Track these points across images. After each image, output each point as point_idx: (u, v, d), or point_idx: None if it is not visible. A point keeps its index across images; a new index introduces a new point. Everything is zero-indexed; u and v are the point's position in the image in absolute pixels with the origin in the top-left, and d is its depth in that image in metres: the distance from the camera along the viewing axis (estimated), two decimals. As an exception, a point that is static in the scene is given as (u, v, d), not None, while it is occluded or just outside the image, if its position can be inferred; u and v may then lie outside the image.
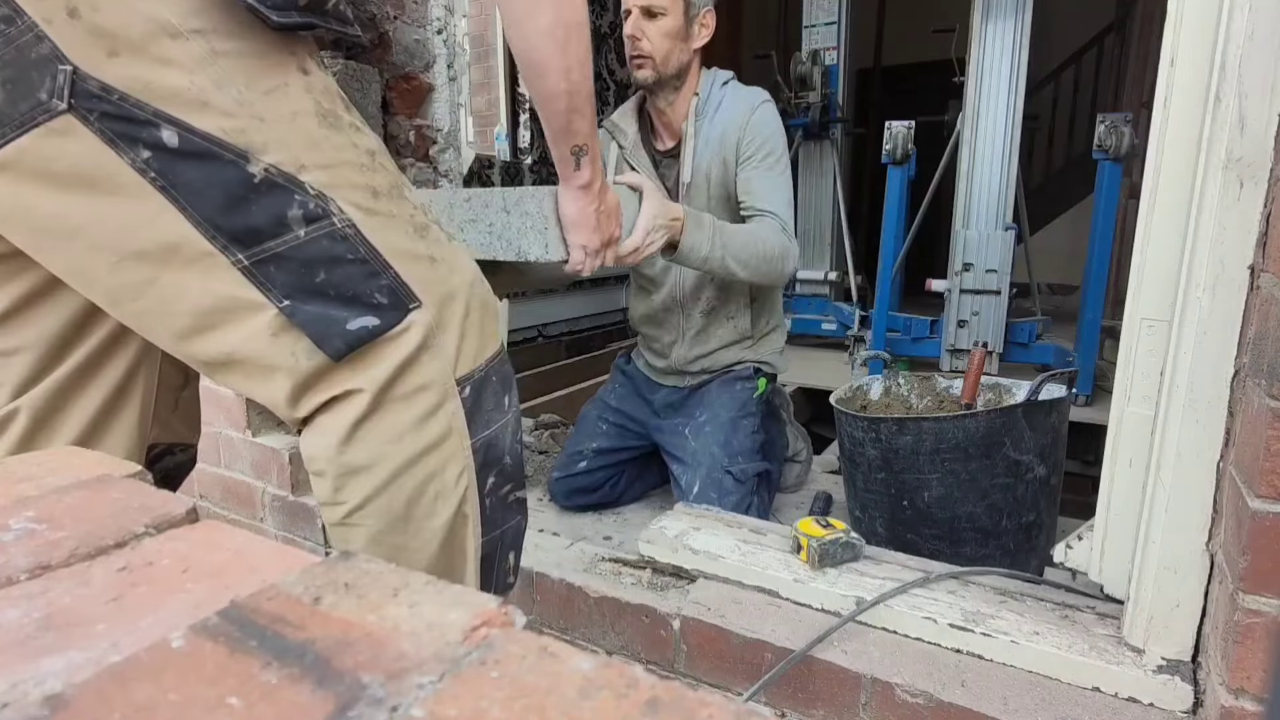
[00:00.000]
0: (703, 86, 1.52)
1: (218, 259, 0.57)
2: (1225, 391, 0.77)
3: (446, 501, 0.67)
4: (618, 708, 0.22)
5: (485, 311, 0.71)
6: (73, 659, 0.25)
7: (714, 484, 1.49)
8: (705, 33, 1.48)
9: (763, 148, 1.47)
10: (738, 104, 1.50)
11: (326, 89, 0.63)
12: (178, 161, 0.54)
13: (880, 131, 2.88)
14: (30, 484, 0.39)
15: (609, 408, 1.74)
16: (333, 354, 0.60)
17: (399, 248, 0.64)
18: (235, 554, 0.33)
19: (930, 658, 0.91)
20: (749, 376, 1.63)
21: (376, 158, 0.65)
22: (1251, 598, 0.69)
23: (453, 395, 0.66)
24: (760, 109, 1.49)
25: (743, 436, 1.55)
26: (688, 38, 1.46)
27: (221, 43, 0.55)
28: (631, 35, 1.45)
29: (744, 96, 1.52)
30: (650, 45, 1.44)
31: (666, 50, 1.44)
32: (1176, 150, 0.81)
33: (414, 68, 1.51)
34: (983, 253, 2.75)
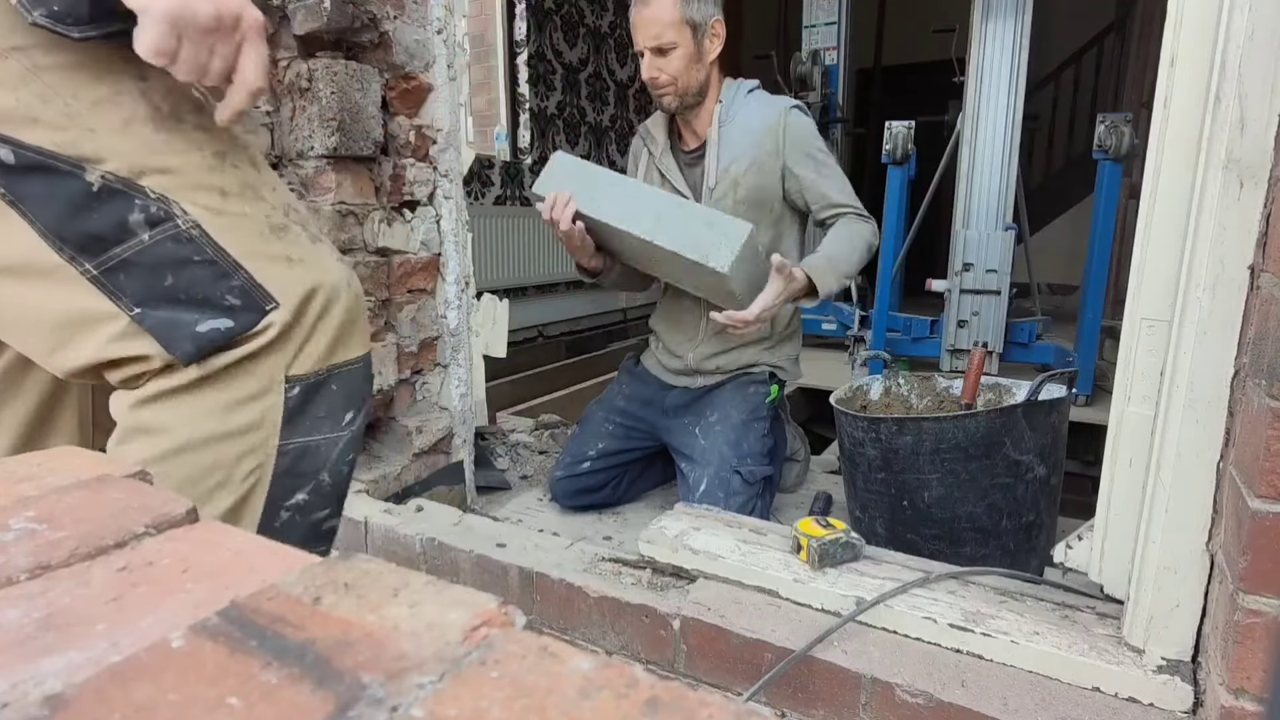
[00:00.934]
0: (725, 94, 1.56)
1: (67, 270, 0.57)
2: (1225, 391, 0.77)
3: (225, 494, 0.64)
4: (618, 708, 0.22)
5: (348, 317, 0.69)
6: (73, 659, 0.25)
7: (722, 483, 1.49)
8: (717, 43, 1.50)
9: (813, 149, 1.53)
10: (766, 109, 1.54)
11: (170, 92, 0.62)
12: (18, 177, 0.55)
13: (880, 131, 2.88)
14: (30, 484, 0.39)
15: (616, 409, 1.74)
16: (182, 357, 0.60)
17: (252, 248, 0.63)
18: (235, 554, 0.33)
19: (930, 658, 0.91)
20: (763, 380, 1.63)
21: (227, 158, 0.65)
22: (1251, 598, 0.69)
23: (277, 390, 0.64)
24: (792, 114, 1.53)
25: (753, 439, 1.55)
26: (701, 57, 1.49)
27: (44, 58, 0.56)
28: (650, 78, 1.49)
29: (772, 102, 1.56)
30: (668, 77, 1.48)
31: (685, 77, 1.49)
32: (1176, 150, 0.81)
33: (414, 68, 1.51)
34: (983, 253, 2.75)
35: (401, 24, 1.47)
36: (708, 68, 1.52)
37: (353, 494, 1.45)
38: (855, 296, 3.53)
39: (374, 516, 1.35)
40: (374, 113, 1.42)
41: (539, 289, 3.97)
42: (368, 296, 1.45)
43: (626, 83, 4.80)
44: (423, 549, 1.28)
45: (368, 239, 1.47)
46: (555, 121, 4.12)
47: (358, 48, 1.43)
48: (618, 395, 1.77)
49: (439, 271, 1.63)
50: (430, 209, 1.59)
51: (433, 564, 1.27)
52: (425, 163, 1.57)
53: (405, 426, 1.59)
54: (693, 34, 1.45)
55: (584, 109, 4.45)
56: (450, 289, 1.64)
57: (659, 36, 1.44)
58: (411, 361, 1.59)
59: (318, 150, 1.38)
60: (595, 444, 1.68)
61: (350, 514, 1.37)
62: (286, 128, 1.41)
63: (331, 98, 1.34)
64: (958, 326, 2.80)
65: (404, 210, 1.54)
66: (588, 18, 4.39)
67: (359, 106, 1.39)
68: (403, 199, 1.53)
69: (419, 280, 1.58)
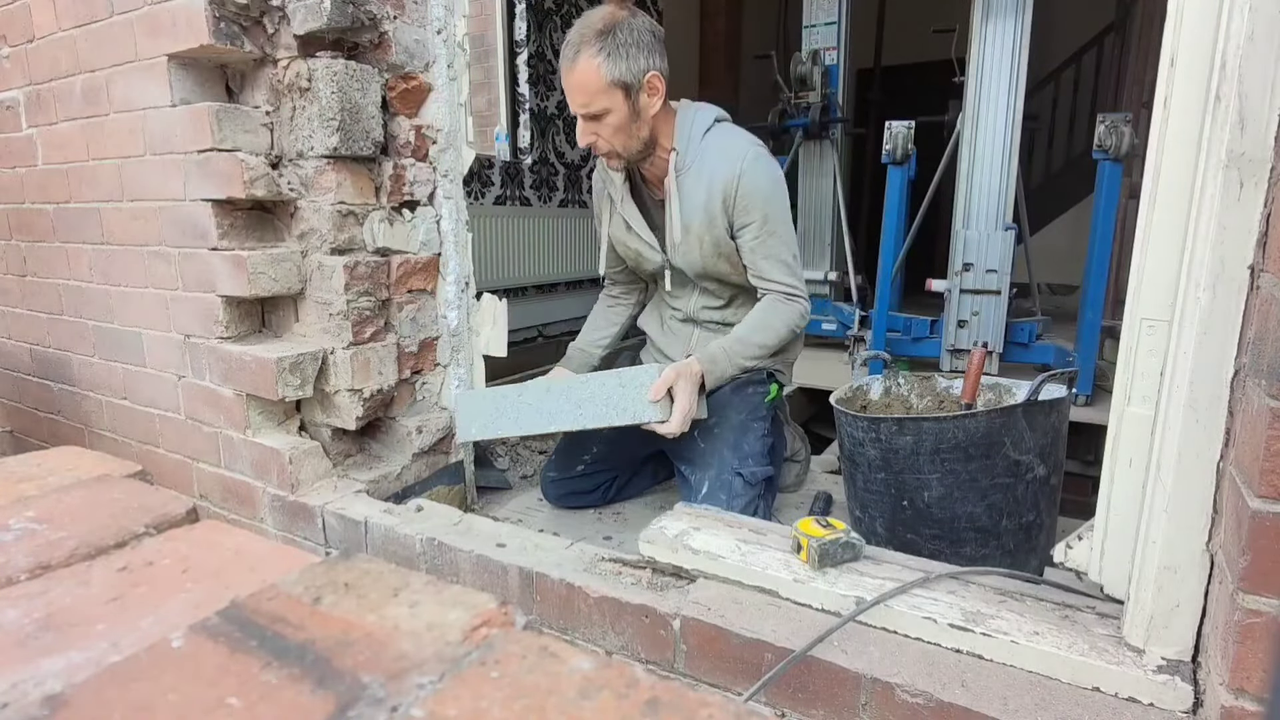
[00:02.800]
0: (679, 139, 1.45)
1: None
2: (1225, 391, 0.77)
3: None
4: (618, 708, 0.22)
5: None
6: (73, 659, 0.25)
7: (724, 486, 1.49)
8: (657, 98, 1.39)
9: (758, 215, 1.42)
10: (721, 160, 1.43)
11: None
12: None
13: (880, 131, 2.88)
14: (30, 484, 0.39)
15: None
16: None
17: None
18: (235, 554, 0.33)
19: (930, 658, 0.91)
20: (761, 381, 1.62)
21: None
22: (1251, 598, 0.69)
23: None
24: (747, 171, 1.41)
25: (753, 440, 1.54)
26: (639, 114, 1.39)
27: None
28: (587, 142, 1.41)
29: (728, 151, 1.43)
30: (608, 143, 1.40)
31: (624, 139, 1.40)
32: (1176, 150, 0.81)
33: (414, 68, 1.51)
34: (983, 253, 2.75)
35: (401, 24, 1.47)
36: (649, 124, 1.41)
37: (353, 494, 1.45)
38: (855, 296, 3.53)
39: (374, 516, 1.35)
40: (374, 113, 1.42)
41: (539, 289, 3.97)
42: (368, 296, 1.46)
43: (626, 83, 4.80)
44: (423, 549, 1.28)
45: (368, 239, 1.47)
46: (555, 121, 4.12)
47: (358, 48, 1.43)
48: None
49: (439, 271, 1.63)
50: (430, 209, 1.59)
51: (433, 564, 1.27)
52: (425, 163, 1.57)
53: (405, 426, 1.59)
54: (625, 95, 1.35)
55: (584, 109, 4.44)
56: (450, 289, 1.64)
57: (588, 105, 1.36)
58: (411, 361, 1.59)
59: (318, 150, 1.38)
60: (590, 447, 1.68)
61: (350, 514, 1.37)
62: (286, 128, 1.41)
63: (331, 98, 1.34)
64: (958, 326, 2.80)
65: (404, 210, 1.54)
66: (588, 18, 4.39)
67: (359, 106, 1.39)
68: (403, 199, 1.53)
69: (419, 280, 1.58)
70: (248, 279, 1.37)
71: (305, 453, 1.44)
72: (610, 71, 1.32)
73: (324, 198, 1.40)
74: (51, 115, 1.66)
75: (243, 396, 1.44)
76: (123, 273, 1.62)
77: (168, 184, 1.45)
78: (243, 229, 1.42)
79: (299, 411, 1.53)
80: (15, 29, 1.68)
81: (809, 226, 3.75)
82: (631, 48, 1.32)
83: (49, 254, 1.80)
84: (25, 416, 2.04)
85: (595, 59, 1.31)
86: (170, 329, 1.55)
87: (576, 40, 1.33)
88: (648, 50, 1.34)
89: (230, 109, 1.36)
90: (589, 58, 1.32)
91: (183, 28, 1.32)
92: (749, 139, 1.47)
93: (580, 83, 1.34)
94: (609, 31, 1.31)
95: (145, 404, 1.66)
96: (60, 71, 1.60)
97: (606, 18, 1.33)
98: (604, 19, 1.33)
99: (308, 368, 1.41)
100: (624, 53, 1.32)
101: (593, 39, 1.32)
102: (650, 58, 1.35)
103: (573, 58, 1.34)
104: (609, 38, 1.31)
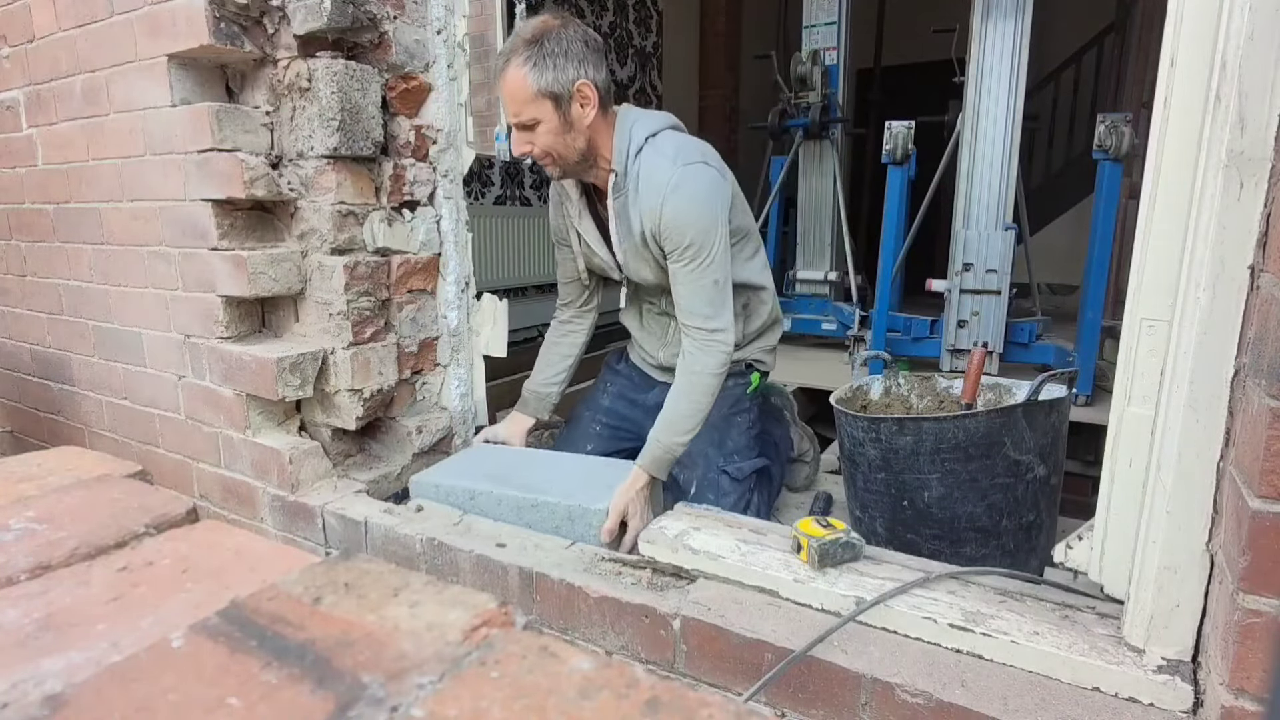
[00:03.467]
0: (616, 159, 1.41)
1: None
2: (1225, 391, 0.77)
3: None
4: (618, 708, 0.22)
5: None
6: (73, 659, 0.25)
7: (711, 485, 1.49)
8: (590, 107, 1.35)
9: (682, 243, 1.37)
10: (647, 188, 1.38)
11: None
12: None
13: (880, 131, 2.88)
14: (30, 484, 0.39)
15: (602, 408, 1.73)
16: None
17: None
18: (235, 554, 0.33)
19: (930, 658, 0.91)
20: (740, 373, 1.62)
21: None
22: (1251, 598, 0.69)
23: None
24: (668, 200, 1.35)
25: (737, 434, 1.54)
26: (572, 124, 1.36)
27: None
28: (522, 152, 1.39)
29: (653, 178, 1.38)
30: (542, 150, 1.38)
31: (559, 148, 1.38)
32: (1176, 150, 0.81)
33: (414, 68, 1.51)
34: (983, 253, 2.75)
35: (401, 24, 1.47)
36: (585, 134, 1.38)
37: (352, 494, 1.45)
38: (855, 296, 3.53)
39: (374, 516, 1.35)
40: (374, 113, 1.42)
41: (539, 289, 3.97)
42: (368, 296, 1.46)
43: (626, 83, 4.80)
44: (423, 549, 1.28)
45: (368, 239, 1.47)
46: (555, 121, 4.12)
47: (358, 48, 1.43)
48: (603, 394, 1.76)
49: (439, 271, 1.63)
50: (430, 209, 1.59)
51: (433, 564, 1.27)
52: (425, 163, 1.57)
53: (405, 426, 1.59)
54: (554, 105, 1.33)
55: (584, 109, 4.45)
56: (450, 289, 1.64)
57: (518, 114, 1.34)
58: (411, 361, 1.59)
59: (318, 150, 1.38)
60: (584, 446, 1.68)
61: (350, 514, 1.37)
62: (286, 128, 1.41)
63: (331, 98, 1.34)
64: (958, 326, 2.80)
65: (404, 210, 1.54)
66: (588, 18, 4.39)
67: (359, 106, 1.39)
68: (403, 199, 1.53)
69: (419, 280, 1.58)
70: (248, 279, 1.37)
71: (305, 453, 1.44)
72: (537, 81, 1.30)
73: (324, 198, 1.40)
74: (51, 115, 1.66)
75: (243, 396, 1.44)
76: (123, 273, 1.62)
77: (168, 184, 1.45)
78: (243, 229, 1.42)
79: (299, 411, 1.53)
80: (15, 29, 1.68)
81: (809, 226, 3.75)
82: (559, 57, 1.30)
83: (49, 254, 1.80)
84: (25, 416, 2.04)
85: (522, 69, 1.30)
86: (170, 329, 1.55)
87: (507, 49, 1.32)
88: (578, 60, 1.32)
89: (230, 109, 1.36)
90: (516, 67, 1.30)
91: (183, 28, 1.32)
92: (676, 155, 1.38)
93: (510, 92, 1.33)
94: (537, 41, 1.30)
95: (145, 404, 1.66)
96: (60, 71, 1.60)
97: (537, 27, 1.31)
98: (534, 29, 1.31)
99: (308, 368, 1.41)
100: (551, 63, 1.30)
101: (521, 48, 1.30)
102: (581, 67, 1.32)
103: (502, 67, 1.32)
104: (537, 47, 1.29)
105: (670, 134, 1.44)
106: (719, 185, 1.41)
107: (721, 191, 1.41)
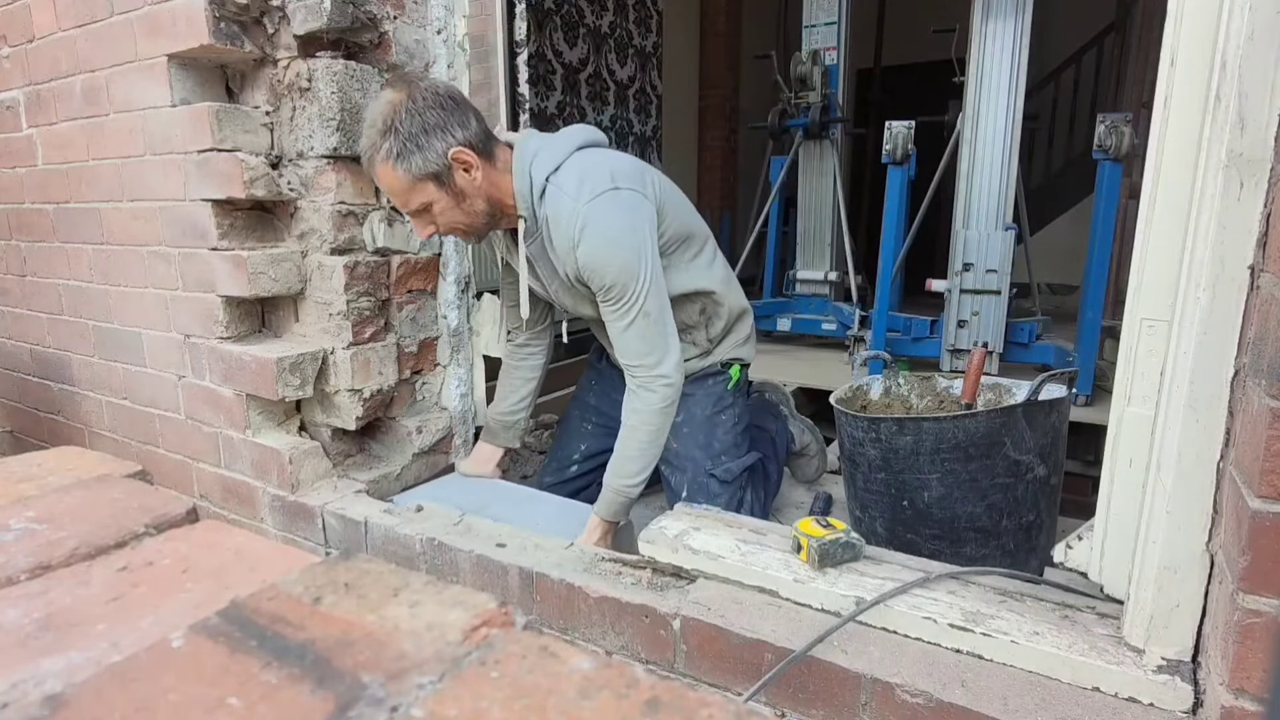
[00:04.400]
0: (521, 204, 1.32)
1: None
2: (1225, 391, 0.77)
3: None
4: (618, 708, 0.22)
5: None
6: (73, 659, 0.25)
7: (700, 489, 1.49)
8: (473, 172, 1.25)
9: (602, 286, 1.30)
10: (558, 233, 1.31)
11: None
12: None
13: (880, 131, 2.88)
14: (30, 484, 0.39)
15: (589, 407, 1.72)
16: None
17: None
18: (235, 554, 0.33)
19: (930, 658, 0.91)
20: (718, 372, 1.57)
21: None
22: (1251, 598, 0.69)
23: None
24: (581, 243, 1.27)
25: (722, 434, 1.53)
26: (463, 192, 1.27)
27: None
28: (428, 234, 1.31)
29: (560, 221, 1.29)
30: (447, 227, 1.31)
31: (461, 220, 1.30)
32: (1176, 150, 0.81)
33: (414, 68, 1.51)
34: (983, 253, 2.75)
35: (401, 24, 1.47)
36: (482, 195, 1.28)
37: (352, 494, 1.45)
38: (855, 296, 3.53)
39: (374, 516, 1.35)
40: (374, 113, 1.42)
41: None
42: (368, 296, 1.45)
43: (626, 83, 4.80)
44: (423, 549, 1.28)
45: (368, 239, 1.47)
46: (555, 121, 4.12)
47: (358, 48, 1.43)
48: (589, 392, 1.74)
49: (439, 271, 1.63)
50: (430, 209, 1.59)
51: (433, 564, 1.27)
52: (425, 163, 1.56)
53: (405, 426, 1.59)
54: (437, 184, 1.24)
55: (584, 109, 4.44)
56: (450, 289, 1.64)
57: (406, 204, 1.26)
58: (411, 361, 1.59)
59: (318, 150, 1.38)
60: (578, 445, 1.68)
61: (350, 514, 1.37)
62: (286, 128, 1.41)
63: (331, 98, 1.34)
64: (958, 326, 2.80)
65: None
66: (588, 18, 4.39)
67: (359, 106, 1.39)
68: (403, 199, 1.53)
69: (419, 280, 1.58)
70: (248, 279, 1.37)
71: (305, 453, 1.44)
72: (407, 170, 1.21)
73: (324, 198, 1.40)
74: (51, 115, 1.66)
75: (243, 396, 1.44)
76: (123, 273, 1.62)
77: (168, 184, 1.45)
78: (243, 229, 1.42)
79: (299, 411, 1.53)
80: (15, 29, 1.68)
81: (809, 226, 3.75)
82: (420, 135, 1.19)
83: (49, 254, 1.80)
84: (25, 416, 2.04)
85: (387, 163, 1.20)
86: (170, 329, 1.55)
87: (366, 147, 1.22)
88: (440, 129, 1.21)
89: (230, 109, 1.36)
90: (381, 163, 1.21)
91: (183, 28, 1.32)
92: (579, 191, 1.28)
93: (388, 188, 1.25)
94: (390, 128, 1.19)
95: (145, 404, 1.66)
96: (60, 71, 1.60)
97: (384, 112, 1.20)
98: (382, 115, 1.20)
99: (308, 368, 1.41)
100: (413, 144, 1.19)
101: (378, 141, 1.20)
102: (446, 135, 1.21)
103: (368, 166, 1.24)
104: (392, 135, 1.19)
105: (573, 164, 1.32)
106: (634, 210, 1.30)
107: (638, 214, 1.30)
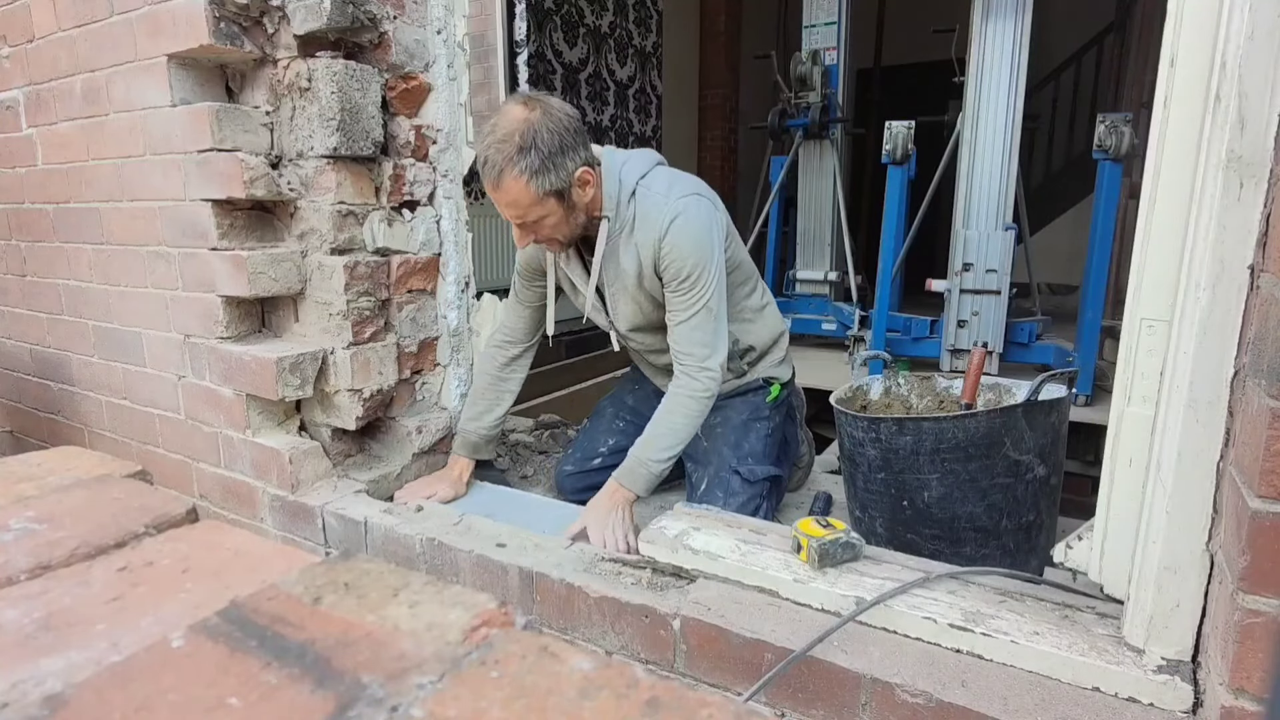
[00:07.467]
0: (607, 205, 1.37)
1: None
2: (1225, 391, 0.77)
3: None
4: (618, 708, 0.22)
5: None
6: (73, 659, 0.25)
7: (721, 483, 1.49)
8: (590, 188, 1.31)
9: (678, 276, 1.36)
10: (645, 228, 1.37)
11: None
12: None
13: (880, 131, 2.88)
14: (30, 484, 0.39)
15: (626, 406, 1.74)
16: None
17: None
18: (235, 554, 0.33)
19: (930, 658, 0.91)
20: (759, 387, 1.62)
21: None
22: (1251, 598, 0.69)
23: None
24: (670, 231, 1.34)
25: (754, 439, 1.55)
26: (574, 209, 1.31)
27: None
28: (527, 243, 1.36)
29: (650, 217, 1.36)
30: (548, 237, 1.35)
31: (564, 230, 1.34)
32: (1176, 150, 0.81)
33: (414, 68, 1.51)
34: (983, 253, 2.75)
35: (401, 24, 1.47)
36: (585, 210, 1.34)
37: (352, 494, 1.45)
38: (855, 296, 3.53)
39: (374, 516, 1.35)
40: (374, 113, 1.42)
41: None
42: (368, 296, 1.46)
43: (626, 82, 4.80)
44: (423, 549, 1.28)
45: (368, 239, 1.47)
46: (555, 121, 4.12)
47: (358, 48, 1.43)
48: (628, 393, 1.77)
49: (439, 271, 1.63)
50: (430, 209, 1.59)
51: (433, 564, 1.27)
52: (425, 163, 1.57)
53: (405, 426, 1.59)
54: (559, 200, 1.28)
55: (584, 109, 4.45)
56: (450, 289, 1.64)
57: (523, 216, 1.28)
58: (411, 361, 1.59)
59: (318, 150, 1.38)
60: (606, 440, 1.69)
61: (350, 514, 1.37)
62: (286, 128, 1.41)
63: (331, 98, 1.34)
64: (958, 326, 2.80)
65: (404, 210, 1.54)
66: (588, 18, 4.39)
67: (359, 106, 1.39)
68: (403, 199, 1.53)
69: (419, 280, 1.58)
70: (248, 279, 1.37)
71: (305, 453, 1.44)
72: (540, 186, 1.24)
73: (324, 198, 1.40)
74: (51, 115, 1.66)
75: (243, 396, 1.44)
76: (123, 273, 1.62)
77: (168, 184, 1.45)
78: (243, 229, 1.42)
79: (299, 411, 1.53)
80: (15, 29, 1.68)
81: (809, 226, 3.75)
82: (557, 155, 1.24)
83: (49, 254, 1.80)
84: (25, 416, 2.04)
85: (522, 178, 1.23)
86: (170, 329, 1.55)
87: (498, 160, 1.22)
88: (571, 149, 1.25)
89: (230, 109, 1.36)
90: (514, 178, 1.23)
91: (183, 28, 1.32)
92: (670, 189, 1.38)
93: (511, 200, 1.26)
94: (529, 146, 1.21)
95: (145, 404, 1.66)
96: (60, 71, 1.60)
97: (521, 128, 1.22)
98: (519, 131, 1.22)
99: (308, 368, 1.41)
100: (552, 163, 1.23)
101: (515, 157, 1.22)
102: (576, 154, 1.26)
103: (496, 177, 1.24)
104: (531, 152, 1.22)
105: (659, 172, 1.42)
106: (714, 216, 1.40)
107: (718, 222, 1.41)
